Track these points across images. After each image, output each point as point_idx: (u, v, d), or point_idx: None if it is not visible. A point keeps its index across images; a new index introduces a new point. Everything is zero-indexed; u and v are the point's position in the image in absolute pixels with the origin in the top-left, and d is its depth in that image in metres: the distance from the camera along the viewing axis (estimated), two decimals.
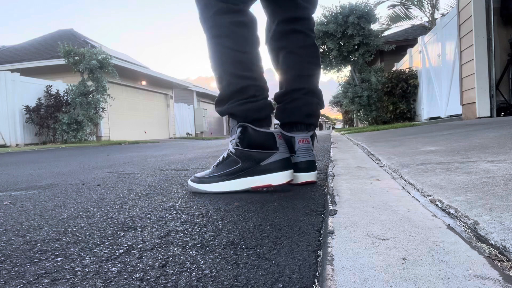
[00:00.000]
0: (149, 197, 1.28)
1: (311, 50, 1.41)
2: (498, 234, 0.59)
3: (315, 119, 1.39)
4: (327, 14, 11.05)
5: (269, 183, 1.19)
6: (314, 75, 1.41)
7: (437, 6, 14.48)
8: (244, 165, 1.21)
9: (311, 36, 1.42)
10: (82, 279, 0.59)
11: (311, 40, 1.41)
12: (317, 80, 1.42)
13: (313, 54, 1.42)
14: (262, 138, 1.19)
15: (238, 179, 1.22)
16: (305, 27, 1.40)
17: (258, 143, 1.19)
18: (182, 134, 19.79)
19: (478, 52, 5.37)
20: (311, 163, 1.31)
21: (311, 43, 1.41)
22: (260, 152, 1.19)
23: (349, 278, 0.50)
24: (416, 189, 1.05)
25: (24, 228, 0.93)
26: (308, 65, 1.40)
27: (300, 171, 1.29)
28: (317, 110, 1.40)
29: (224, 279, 0.56)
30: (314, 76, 1.41)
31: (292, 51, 1.39)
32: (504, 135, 2.25)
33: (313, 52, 1.42)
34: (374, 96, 10.78)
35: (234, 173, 1.22)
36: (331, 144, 3.88)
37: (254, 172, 1.20)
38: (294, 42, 1.38)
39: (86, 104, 11.03)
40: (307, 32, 1.40)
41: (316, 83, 1.42)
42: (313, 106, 1.37)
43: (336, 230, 0.71)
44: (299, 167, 1.29)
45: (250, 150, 1.20)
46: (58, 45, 11.28)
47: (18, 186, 1.78)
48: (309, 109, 1.36)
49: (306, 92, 1.37)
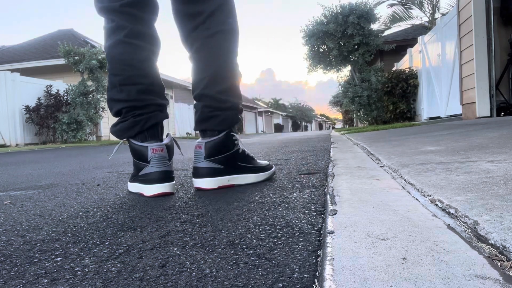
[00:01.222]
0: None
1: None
2: (498, 234, 0.59)
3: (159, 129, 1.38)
4: (327, 14, 11.05)
5: (142, 192, 1.31)
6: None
7: (437, 6, 14.48)
8: (133, 172, 1.38)
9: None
10: (82, 279, 0.59)
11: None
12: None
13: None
14: (138, 151, 1.31)
15: (131, 182, 1.39)
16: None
17: (137, 155, 1.32)
18: (182, 134, 19.79)
19: (478, 52, 5.37)
20: (164, 174, 1.28)
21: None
22: (138, 162, 1.32)
23: (349, 278, 0.50)
24: (416, 189, 1.05)
25: (24, 228, 0.93)
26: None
27: (150, 182, 1.27)
28: (162, 119, 1.39)
29: (224, 279, 0.56)
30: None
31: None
32: (504, 135, 2.25)
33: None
34: (374, 96, 10.78)
35: (131, 177, 1.40)
36: (331, 144, 3.88)
37: (136, 180, 1.34)
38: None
39: (86, 104, 11.02)
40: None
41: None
42: (158, 116, 1.36)
43: (336, 230, 0.71)
44: (150, 178, 1.27)
45: (134, 160, 1.35)
46: (58, 45, 11.27)
47: (18, 186, 1.78)
48: (155, 118, 1.35)
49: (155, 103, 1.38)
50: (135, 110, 1.32)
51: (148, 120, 1.32)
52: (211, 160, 1.32)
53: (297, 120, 51.99)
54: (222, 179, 1.33)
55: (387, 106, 10.43)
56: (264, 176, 1.47)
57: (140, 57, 1.32)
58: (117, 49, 1.30)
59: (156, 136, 1.35)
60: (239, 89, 1.42)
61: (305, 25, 11.49)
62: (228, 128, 1.36)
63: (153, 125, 1.34)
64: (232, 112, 1.37)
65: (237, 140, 1.40)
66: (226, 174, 1.34)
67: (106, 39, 1.34)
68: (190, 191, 1.34)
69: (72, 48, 11.13)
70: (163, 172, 1.28)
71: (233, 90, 1.38)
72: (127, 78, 1.31)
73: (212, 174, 1.32)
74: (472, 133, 2.73)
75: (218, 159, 1.33)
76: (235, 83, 1.40)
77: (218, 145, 1.33)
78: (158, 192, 1.26)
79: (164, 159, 1.29)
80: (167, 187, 1.28)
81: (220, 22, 1.34)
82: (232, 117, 1.37)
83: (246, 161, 1.41)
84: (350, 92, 11.16)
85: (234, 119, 1.38)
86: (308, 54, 11.74)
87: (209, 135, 1.36)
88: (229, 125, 1.36)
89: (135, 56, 1.31)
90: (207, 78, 1.34)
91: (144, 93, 1.33)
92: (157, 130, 1.36)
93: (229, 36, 1.37)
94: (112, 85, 1.34)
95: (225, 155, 1.34)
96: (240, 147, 1.41)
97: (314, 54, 11.62)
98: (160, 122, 1.37)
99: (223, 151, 1.34)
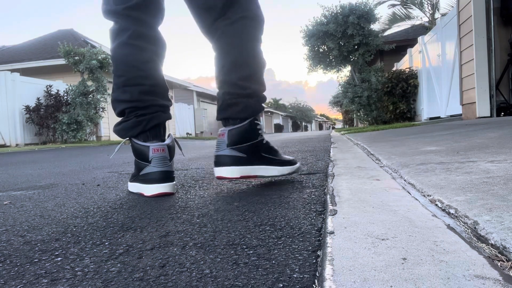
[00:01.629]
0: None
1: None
2: (498, 234, 0.59)
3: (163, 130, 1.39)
4: (327, 14, 11.05)
5: (142, 192, 1.30)
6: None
7: (437, 6, 14.48)
8: (134, 172, 1.38)
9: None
10: (82, 279, 0.59)
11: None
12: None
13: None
14: (139, 150, 1.32)
15: (132, 182, 1.38)
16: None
17: (139, 154, 1.32)
18: (182, 134, 19.80)
19: (478, 52, 5.37)
20: (164, 174, 1.28)
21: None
22: (139, 162, 1.32)
23: (349, 278, 0.50)
24: (416, 189, 1.05)
25: (24, 228, 0.93)
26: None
27: (150, 182, 1.28)
28: (164, 120, 1.39)
29: (224, 279, 0.56)
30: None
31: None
32: (504, 135, 2.25)
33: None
34: (374, 96, 10.78)
35: (132, 177, 1.40)
36: (331, 144, 3.88)
37: (137, 179, 1.34)
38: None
39: (86, 104, 11.02)
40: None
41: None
42: (160, 117, 1.37)
43: (336, 230, 0.71)
44: (150, 178, 1.28)
45: (136, 159, 1.35)
46: (58, 45, 11.27)
47: (18, 186, 1.78)
48: (157, 119, 1.36)
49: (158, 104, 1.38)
50: (137, 111, 1.33)
51: (150, 120, 1.33)
52: (234, 148, 1.28)
53: (297, 120, 51.99)
54: (245, 169, 1.28)
55: (387, 106, 10.42)
56: (289, 170, 1.39)
57: (143, 59, 1.33)
58: (121, 51, 1.32)
59: (158, 136, 1.35)
60: (261, 77, 1.37)
61: (305, 25, 11.50)
62: (251, 116, 1.31)
63: (155, 126, 1.35)
64: (254, 99, 1.32)
65: (261, 130, 1.36)
66: (249, 163, 1.29)
67: (111, 41, 1.36)
68: (190, 191, 1.34)
69: (72, 48, 11.13)
70: (164, 172, 1.28)
71: (255, 77, 1.34)
72: (130, 79, 1.33)
73: (235, 163, 1.28)
74: (472, 133, 2.73)
75: (241, 148, 1.29)
76: (257, 70, 1.35)
77: (242, 133, 1.30)
78: (158, 192, 1.26)
79: (165, 159, 1.29)
80: (167, 187, 1.27)
81: (241, 10, 1.31)
82: (254, 104, 1.32)
83: (270, 152, 1.36)
84: (350, 92, 11.16)
85: (256, 107, 1.33)
86: (308, 54, 11.74)
87: (232, 123, 1.32)
88: (251, 113, 1.31)
89: (138, 57, 1.32)
90: (227, 65, 1.32)
91: (146, 94, 1.34)
92: (159, 130, 1.36)
93: (250, 22, 1.33)
94: (116, 86, 1.35)
95: (249, 144, 1.30)
96: (264, 138, 1.36)
97: (314, 54, 11.62)
98: (162, 123, 1.37)
99: (247, 139, 1.30)
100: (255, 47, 1.35)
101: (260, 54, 1.37)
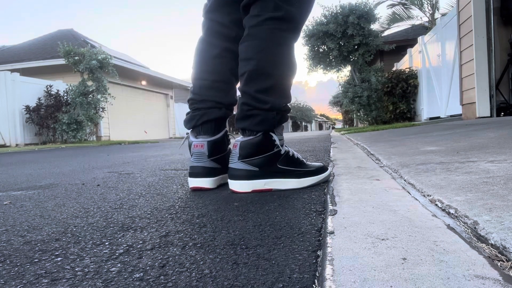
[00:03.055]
0: (149, 197, 1.28)
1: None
2: (498, 234, 0.59)
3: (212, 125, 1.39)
4: (327, 14, 11.04)
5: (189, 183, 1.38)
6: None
7: (437, 6, 14.48)
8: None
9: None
10: (82, 279, 0.59)
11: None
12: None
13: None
14: (189, 145, 1.38)
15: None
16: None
17: (189, 148, 1.38)
18: (182, 134, 19.80)
19: (478, 52, 5.37)
20: (199, 169, 1.32)
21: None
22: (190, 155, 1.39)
23: (349, 278, 0.50)
24: (416, 189, 1.05)
25: (24, 228, 0.93)
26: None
27: (190, 175, 1.35)
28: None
29: (224, 279, 0.56)
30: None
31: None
32: (504, 135, 2.25)
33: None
34: (374, 96, 10.78)
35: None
36: (331, 144, 3.88)
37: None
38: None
39: (86, 104, 11.03)
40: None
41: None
42: (213, 113, 1.37)
43: (336, 230, 0.71)
44: (189, 172, 1.35)
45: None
46: (58, 45, 11.27)
47: (18, 186, 1.78)
48: (210, 115, 1.37)
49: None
50: (195, 105, 1.37)
51: (202, 115, 1.35)
52: (245, 161, 1.24)
53: (297, 120, 51.98)
54: (256, 183, 1.24)
55: (387, 106, 10.42)
56: (310, 181, 1.28)
57: (211, 54, 1.36)
58: (198, 45, 1.40)
59: (209, 132, 1.36)
60: (285, 88, 1.28)
61: (305, 25, 11.49)
62: (268, 129, 1.26)
63: (207, 121, 1.35)
64: (272, 113, 1.25)
65: (278, 141, 1.28)
66: (262, 177, 1.24)
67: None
68: (190, 191, 1.34)
69: (72, 48, 11.13)
70: (198, 167, 1.33)
71: (276, 89, 1.25)
72: (197, 72, 1.39)
73: (246, 177, 1.24)
74: (472, 133, 2.73)
75: (252, 161, 1.24)
76: (280, 81, 1.26)
77: (253, 146, 1.25)
78: (193, 185, 1.33)
79: (202, 155, 1.32)
80: (201, 182, 1.32)
81: (271, 8, 1.21)
82: (272, 118, 1.25)
83: (289, 164, 1.28)
84: (350, 92, 11.16)
85: (274, 120, 1.26)
86: (308, 54, 11.74)
87: (248, 134, 1.27)
88: (269, 126, 1.25)
89: (207, 53, 1.37)
90: (246, 74, 1.24)
91: (205, 88, 1.36)
92: (211, 126, 1.36)
93: (280, 25, 1.22)
94: (191, 78, 1.43)
95: (261, 156, 1.24)
96: (283, 149, 1.29)
97: (314, 54, 11.62)
98: (215, 119, 1.36)
99: (259, 152, 1.24)
100: (281, 53, 1.25)
101: (287, 62, 1.26)
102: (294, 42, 1.28)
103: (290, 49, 1.27)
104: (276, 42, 1.23)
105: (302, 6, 1.25)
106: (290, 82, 1.30)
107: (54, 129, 10.55)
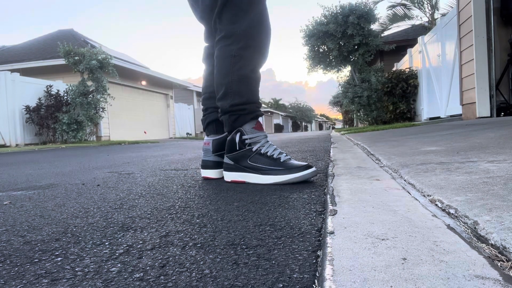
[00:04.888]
0: (149, 197, 1.28)
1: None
2: (498, 234, 0.59)
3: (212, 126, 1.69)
4: (327, 14, 11.04)
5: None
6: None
7: (437, 6, 14.48)
8: None
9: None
10: (82, 279, 0.59)
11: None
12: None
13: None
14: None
15: None
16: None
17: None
18: (182, 134, 19.80)
19: (478, 52, 5.37)
20: (206, 162, 1.64)
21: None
22: None
23: (349, 278, 0.50)
24: (416, 189, 1.05)
25: (24, 228, 0.93)
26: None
27: (201, 167, 1.67)
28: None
29: (224, 279, 0.56)
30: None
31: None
32: (504, 135, 2.25)
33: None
34: (374, 96, 10.78)
35: None
36: (331, 144, 3.88)
37: None
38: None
39: (86, 104, 11.02)
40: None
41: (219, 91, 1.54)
42: (212, 116, 1.66)
43: (336, 230, 0.71)
44: (201, 165, 1.68)
45: None
46: (58, 45, 11.27)
47: (18, 186, 1.78)
48: (210, 118, 1.68)
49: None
50: (202, 112, 1.73)
51: (206, 119, 1.69)
52: (228, 156, 1.50)
53: (297, 120, 51.98)
54: (232, 175, 1.49)
55: (387, 106, 10.42)
56: (273, 179, 1.37)
57: (208, 71, 1.66)
58: (203, 65, 1.70)
59: (213, 131, 1.67)
60: (238, 90, 1.45)
61: (305, 25, 11.49)
62: (233, 130, 1.48)
63: (209, 123, 1.68)
64: (225, 116, 1.49)
65: (249, 139, 1.45)
66: (236, 170, 1.47)
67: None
68: (190, 191, 1.34)
69: (72, 48, 11.13)
70: (206, 161, 1.63)
71: (228, 94, 1.46)
72: (202, 88, 1.72)
73: (226, 169, 1.51)
74: (472, 133, 2.73)
75: (231, 156, 1.49)
76: (231, 85, 1.45)
77: (224, 143, 1.56)
78: (203, 175, 1.66)
79: (208, 151, 1.63)
80: (209, 173, 1.62)
81: (219, 32, 1.49)
82: (234, 120, 1.47)
83: (258, 161, 1.41)
84: (350, 92, 11.16)
85: (238, 121, 1.47)
86: (308, 54, 11.74)
87: (220, 133, 1.65)
88: (231, 128, 1.49)
89: (205, 71, 1.69)
90: (215, 89, 1.54)
91: (206, 99, 1.69)
92: (213, 127, 1.67)
93: (224, 42, 1.45)
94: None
95: (235, 153, 1.47)
96: (255, 147, 1.44)
97: (314, 54, 11.62)
98: (215, 121, 1.65)
99: (231, 149, 1.49)
100: (227, 64, 1.45)
101: (233, 67, 1.44)
102: (242, 51, 1.43)
103: (236, 58, 1.43)
104: (223, 56, 1.46)
105: (245, 21, 1.41)
106: (244, 83, 1.45)
107: (54, 129, 10.55)
